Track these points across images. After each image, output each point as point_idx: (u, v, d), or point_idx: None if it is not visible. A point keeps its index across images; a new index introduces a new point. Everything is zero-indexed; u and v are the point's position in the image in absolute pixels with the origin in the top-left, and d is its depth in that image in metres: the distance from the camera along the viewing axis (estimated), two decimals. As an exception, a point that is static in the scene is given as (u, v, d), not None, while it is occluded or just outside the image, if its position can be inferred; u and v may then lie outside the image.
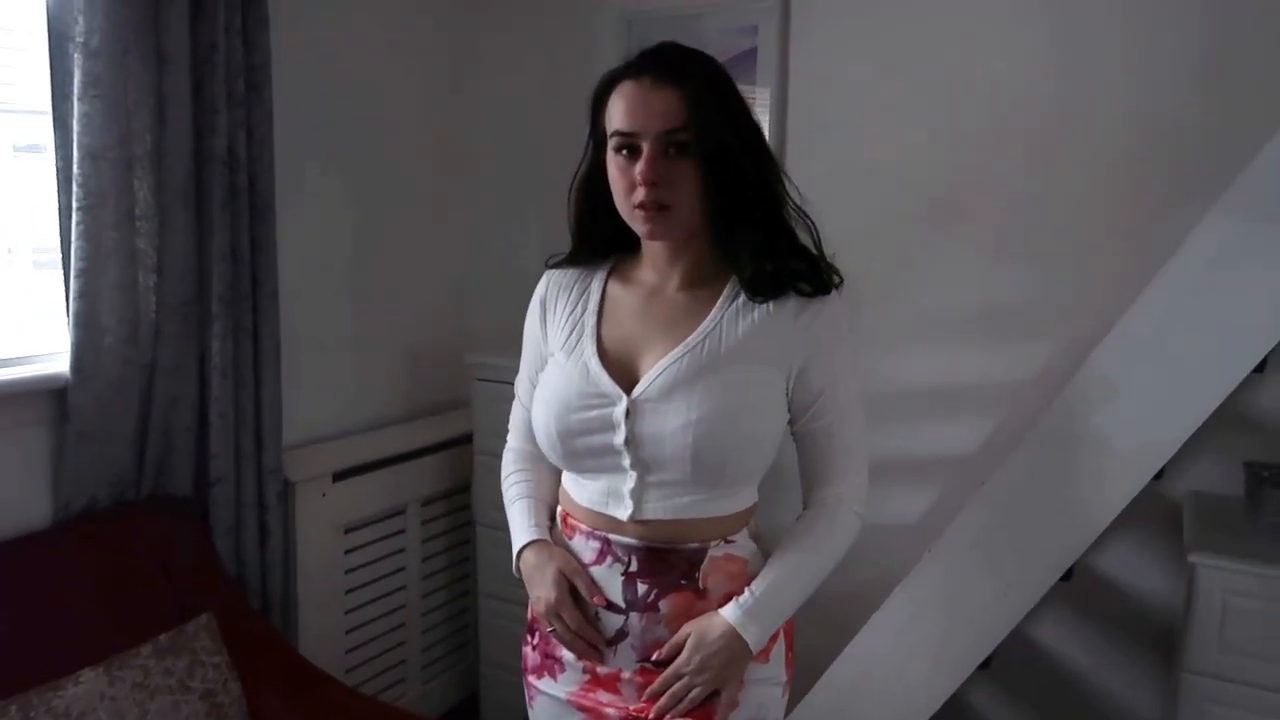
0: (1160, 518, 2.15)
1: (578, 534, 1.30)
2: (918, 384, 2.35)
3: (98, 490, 1.93)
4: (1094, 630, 2.26)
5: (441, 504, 2.66)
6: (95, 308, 1.84)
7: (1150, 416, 1.55)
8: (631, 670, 1.26)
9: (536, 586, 1.30)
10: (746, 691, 1.24)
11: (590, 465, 1.27)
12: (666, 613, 1.24)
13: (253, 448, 2.12)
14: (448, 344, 2.82)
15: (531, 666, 1.37)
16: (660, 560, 1.24)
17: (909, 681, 1.75)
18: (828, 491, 1.28)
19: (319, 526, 2.28)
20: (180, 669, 1.80)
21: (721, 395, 1.19)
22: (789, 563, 1.25)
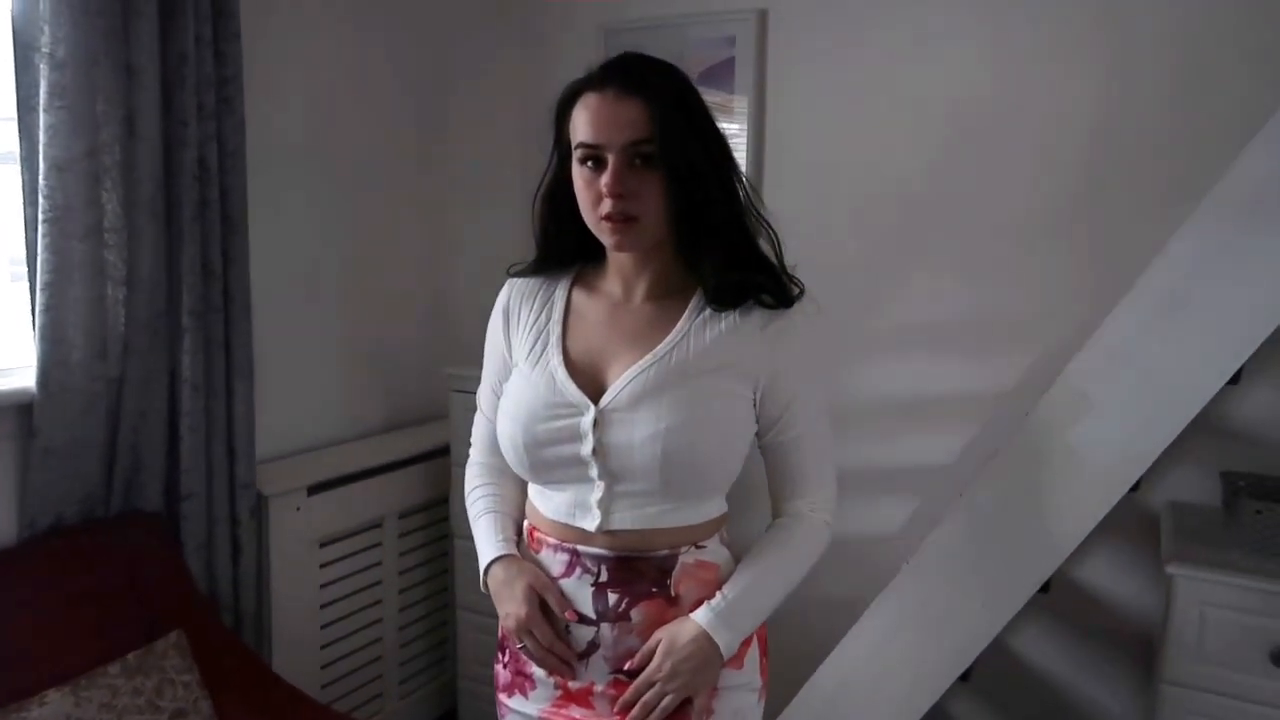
0: (1138, 528, 2.15)
1: (545, 547, 1.28)
2: (895, 395, 2.35)
3: (65, 507, 1.89)
4: (1073, 640, 2.26)
5: (419, 516, 2.64)
6: (62, 321, 1.81)
7: (1126, 429, 1.55)
8: (604, 683, 1.25)
9: (506, 603, 1.28)
10: (721, 698, 1.23)
11: (557, 476, 1.25)
12: (638, 621, 1.23)
13: (225, 462, 2.10)
14: (425, 355, 2.80)
15: (503, 685, 1.35)
16: (630, 569, 1.23)
17: (888, 694, 1.74)
18: (799, 502, 1.28)
19: (293, 541, 2.25)
20: (149, 688, 1.77)
21: (690, 405, 1.19)
22: (761, 567, 1.25)
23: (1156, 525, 2.12)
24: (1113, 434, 1.55)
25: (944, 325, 2.28)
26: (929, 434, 2.32)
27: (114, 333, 1.92)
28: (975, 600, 1.66)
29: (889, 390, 2.35)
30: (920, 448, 2.32)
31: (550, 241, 1.33)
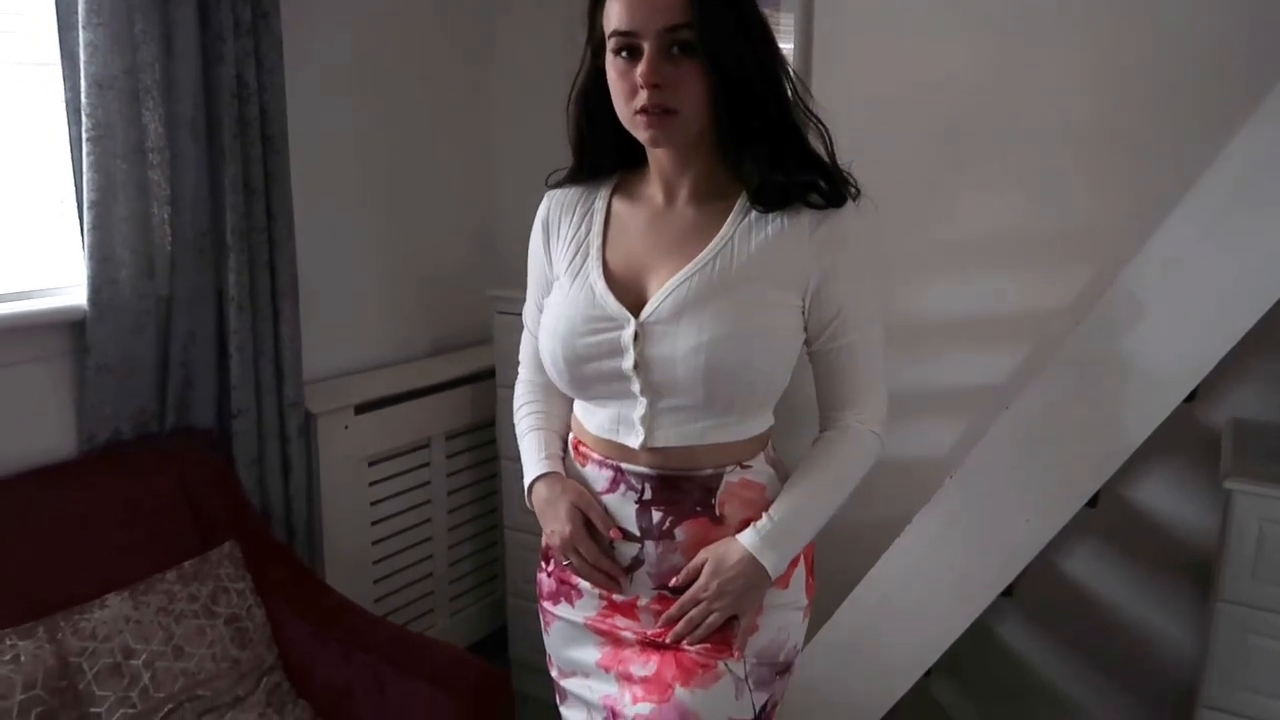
0: (1197, 447, 2.08)
1: (590, 462, 1.27)
2: (945, 314, 2.29)
3: (120, 423, 1.95)
4: (1127, 563, 2.21)
5: (465, 438, 2.66)
6: (109, 240, 1.85)
7: (1181, 337, 1.48)
8: (649, 598, 1.25)
9: (550, 521, 1.28)
10: (766, 616, 1.23)
11: (599, 392, 1.24)
12: (682, 540, 1.22)
13: (273, 380, 2.13)
14: (470, 279, 2.81)
15: (547, 593, 1.36)
16: (674, 488, 1.21)
17: (931, 609, 1.72)
18: (847, 414, 1.24)
19: (342, 459, 2.29)
20: (205, 594, 1.83)
21: (734, 316, 1.15)
22: (807, 487, 1.22)
23: (1216, 444, 2.05)
24: (1167, 342, 1.48)
25: (995, 241, 2.21)
26: (979, 353, 2.25)
27: (161, 251, 1.95)
28: (1020, 514, 1.62)
29: (939, 309, 2.28)
30: (970, 367, 2.26)
31: (586, 146, 1.28)
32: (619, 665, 1.26)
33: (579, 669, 1.32)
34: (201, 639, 1.78)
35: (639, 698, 1.22)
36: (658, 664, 1.22)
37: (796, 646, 1.27)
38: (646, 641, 1.24)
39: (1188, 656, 2.18)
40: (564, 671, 1.35)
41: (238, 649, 1.82)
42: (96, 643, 1.66)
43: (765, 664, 1.22)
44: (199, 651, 1.77)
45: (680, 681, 1.19)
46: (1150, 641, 2.21)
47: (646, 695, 1.21)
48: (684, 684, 1.19)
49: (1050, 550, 2.25)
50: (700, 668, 1.19)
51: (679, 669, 1.20)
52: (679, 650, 1.21)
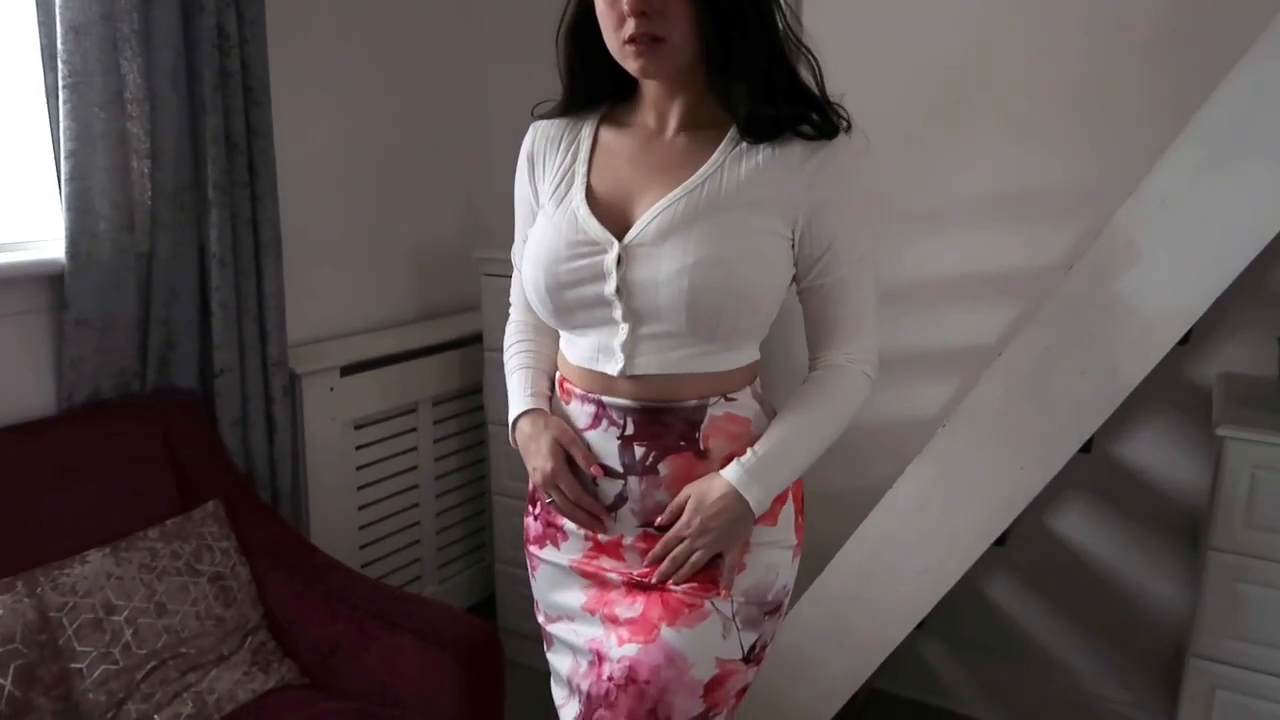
0: (1188, 403, 2.08)
1: (573, 399, 1.25)
2: (938, 272, 2.28)
3: (101, 381, 1.91)
4: (1118, 521, 2.21)
5: (453, 404, 2.64)
6: (87, 191, 1.81)
7: (1177, 278, 1.47)
8: (634, 536, 1.23)
9: (533, 457, 1.26)
10: (753, 555, 1.20)
11: (581, 320, 1.21)
12: (666, 475, 1.19)
13: (256, 339, 2.10)
14: (459, 243, 2.78)
15: (533, 537, 1.34)
16: (656, 421, 1.19)
17: (923, 560, 1.71)
18: (836, 352, 1.22)
19: (328, 421, 2.26)
20: (188, 552, 1.80)
21: (720, 240, 1.12)
22: (795, 422, 1.20)
23: (1206, 400, 2.05)
24: (1163, 283, 1.47)
25: (986, 197, 2.19)
26: (969, 312, 2.24)
27: (140, 205, 1.92)
28: (1014, 461, 1.61)
29: (931, 267, 2.27)
30: (964, 327, 2.25)
31: (576, 79, 1.26)
32: (604, 607, 1.24)
33: (565, 613, 1.30)
34: (185, 596, 1.75)
35: (625, 639, 1.20)
36: (643, 605, 1.20)
37: (786, 587, 1.24)
38: (632, 582, 1.22)
39: (1178, 613, 2.18)
40: (550, 617, 1.33)
41: (222, 607, 1.80)
42: (77, 598, 1.63)
43: (753, 603, 1.19)
44: (182, 609, 1.74)
45: (666, 621, 1.17)
46: (1140, 599, 2.22)
47: (632, 636, 1.19)
48: (670, 624, 1.17)
49: (1041, 510, 2.26)
50: (686, 607, 1.17)
51: (665, 609, 1.18)
52: (665, 590, 1.19)
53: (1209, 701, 1.74)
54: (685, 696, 1.15)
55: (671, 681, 1.15)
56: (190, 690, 1.68)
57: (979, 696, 2.44)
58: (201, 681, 1.70)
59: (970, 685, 2.44)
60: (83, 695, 1.59)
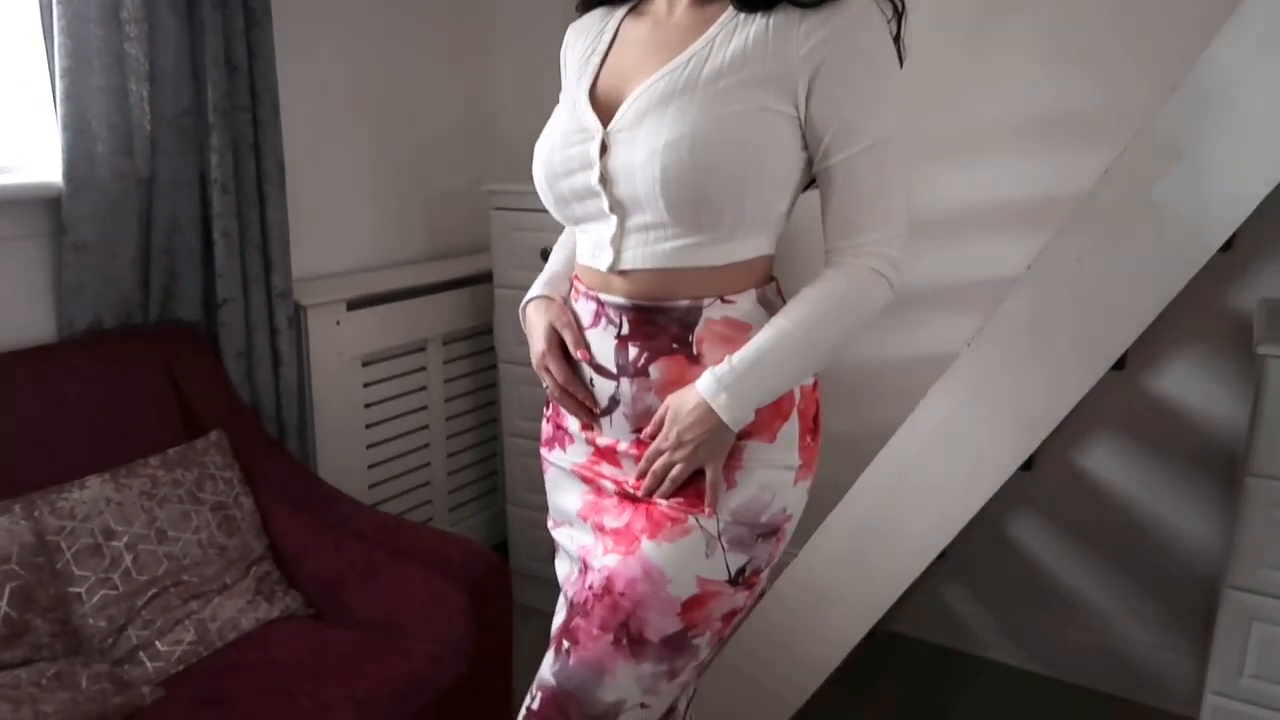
0: (1225, 333, 1.99)
1: (580, 296, 1.20)
2: (963, 202, 2.19)
3: (102, 310, 1.87)
4: (1148, 458, 2.13)
5: (464, 344, 2.59)
6: (83, 111, 1.76)
7: (1219, 181, 1.38)
8: (628, 442, 1.17)
9: (532, 340, 1.24)
10: (746, 473, 1.12)
11: (579, 213, 1.16)
12: (657, 379, 1.13)
13: (260, 269, 2.05)
14: (469, 182, 2.71)
15: (544, 439, 1.31)
16: (650, 321, 1.12)
17: (948, 483, 1.63)
18: (844, 246, 1.10)
19: (334, 356, 2.22)
20: (190, 480, 1.76)
21: (696, 116, 1.03)
22: (781, 327, 1.09)
23: (1244, 330, 1.97)
24: (1204, 185, 1.38)
25: (1012, 122, 2.10)
26: (993, 244, 2.16)
27: (139, 129, 1.87)
28: (1043, 380, 1.53)
29: (956, 197, 2.18)
30: (990, 258, 2.17)
31: None
32: (596, 516, 1.21)
33: (565, 518, 1.27)
34: (186, 524, 1.72)
35: (608, 549, 1.16)
36: (630, 516, 1.16)
37: (786, 511, 1.15)
38: (624, 493, 1.18)
39: (1210, 553, 2.11)
40: (556, 521, 1.31)
41: (225, 536, 1.76)
42: (75, 522, 1.60)
43: (743, 524, 1.12)
44: (184, 536, 1.71)
45: (648, 534, 1.12)
46: (1171, 539, 2.14)
47: (615, 547, 1.15)
48: (651, 537, 1.12)
49: (1068, 446, 2.19)
50: (669, 521, 1.12)
51: (648, 522, 1.13)
52: (652, 504, 1.14)
53: (1245, 634, 1.67)
54: (660, 613, 1.11)
55: (646, 596, 1.10)
56: (192, 617, 1.65)
57: (1002, 640, 2.38)
58: (204, 609, 1.67)
59: (993, 629, 2.38)
60: (81, 620, 1.56)
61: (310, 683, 1.51)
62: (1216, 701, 1.72)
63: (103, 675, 1.47)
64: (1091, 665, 2.28)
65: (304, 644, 1.64)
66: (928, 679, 2.32)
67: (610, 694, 1.12)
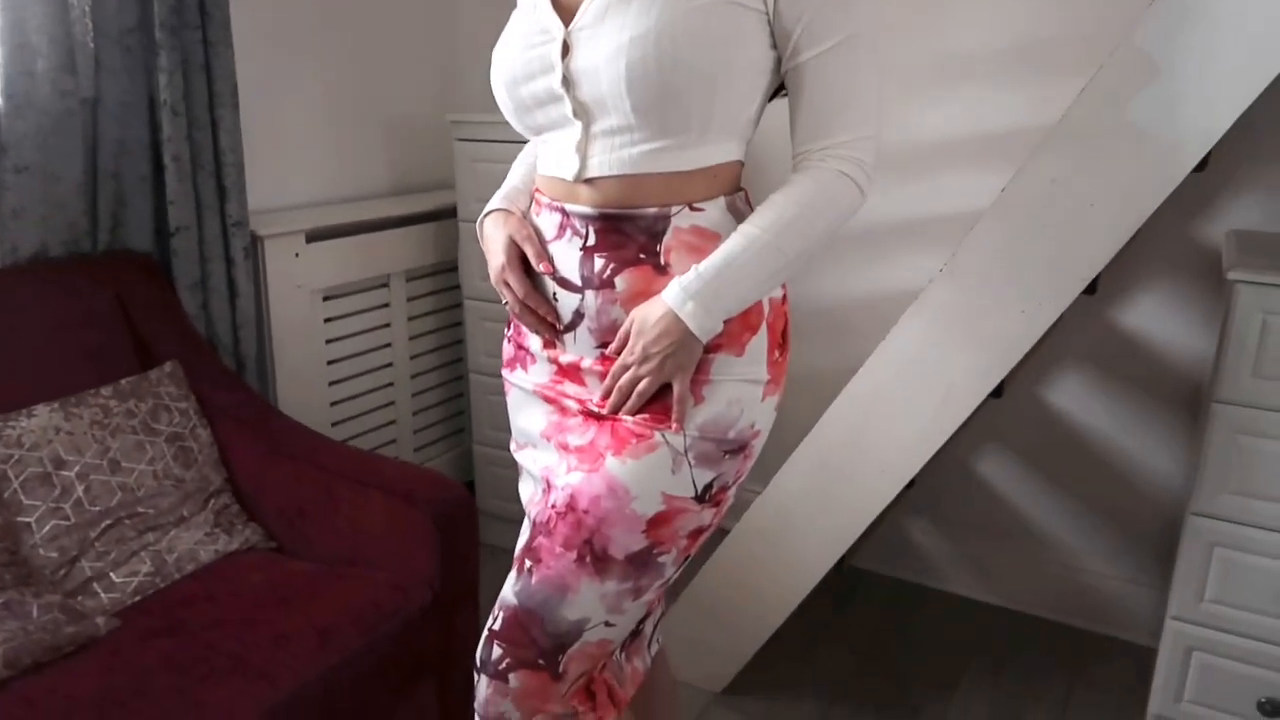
0: (1193, 266, 1.99)
1: (543, 209, 1.16)
2: (935, 134, 2.17)
3: (47, 237, 1.80)
4: (1116, 393, 2.14)
5: (428, 280, 2.53)
6: (21, 23, 1.68)
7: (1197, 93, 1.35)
8: (592, 358, 1.14)
9: (490, 255, 1.20)
10: (714, 387, 1.09)
11: (541, 120, 1.12)
12: (623, 291, 1.09)
13: (214, 197, 1.98)
14: (433, 117, 2.64)
15: (506, 360, 1.28)
16: (617, 230, 1.09)
17: (919, 410, 1.61)
18: (813, 146, 1.07)
19: (293, 289, 2.15)
20: (144, 410, 1.71)
21: (660, 10, 0.99)
22: (748, 234, 1.06)
23: (1212, 263, 1.97)
24: (1181, 101, 1.36)
25: (989, 54, 2.07)
26: (973, 175, 2.14)
27: (82, 47, 1.79)
28: (1016, 304, 1.52)
29: (927, 129, 2.16)
30: (963, 191, 2.15)
31: None
32: (559, 435, 1.18)
33: (528, 439, 1.24)
34: (141, 455, 1.66)
35: (572, 467, 1.14)
36: (594, 433, 1.13)
37: (754, 427, 1.13)
38: (588, 411, 1.15)
39: (1175, 486, 2.13)
40: (519, 444, 1.28)
41: (181, 468, 1.71)
42: (23, 450, 1.54)
43: (710, 439, 1.09)
44: (138, 467, 1.66)
45: (613, 451, 1.10)
46: (1137, 473, 2.16)
47: (578, 464, 1.13)
48: (616, 454, 1.09)
49: (1035, 380, 2.19)
50: (635, 438, 1.09)
51: (613, 439, 1.11)
52: (616, 420, 1.11)
53: (1207, 559, 1.69)
54: (624, 530, 1.08)
55: (611, 513, 1.08)
56: (148, 549, 1.61)
57: (967, 575, 2.40)
58: (160, 541, 1.63)
59: (958, 563, 2.40)
60: (32, 550, 1.51)
61: (272, 611, 1.48)
62: (1177, 627, 1.74)
63: (54, 605, 1.42)
64: (1054, 598, 2.31)
65: (265, 575, 1.60)
66: (893, 614, 2.34)
67: (573, 612, 1.10)
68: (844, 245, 2.30)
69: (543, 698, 1.12)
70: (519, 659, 1.12)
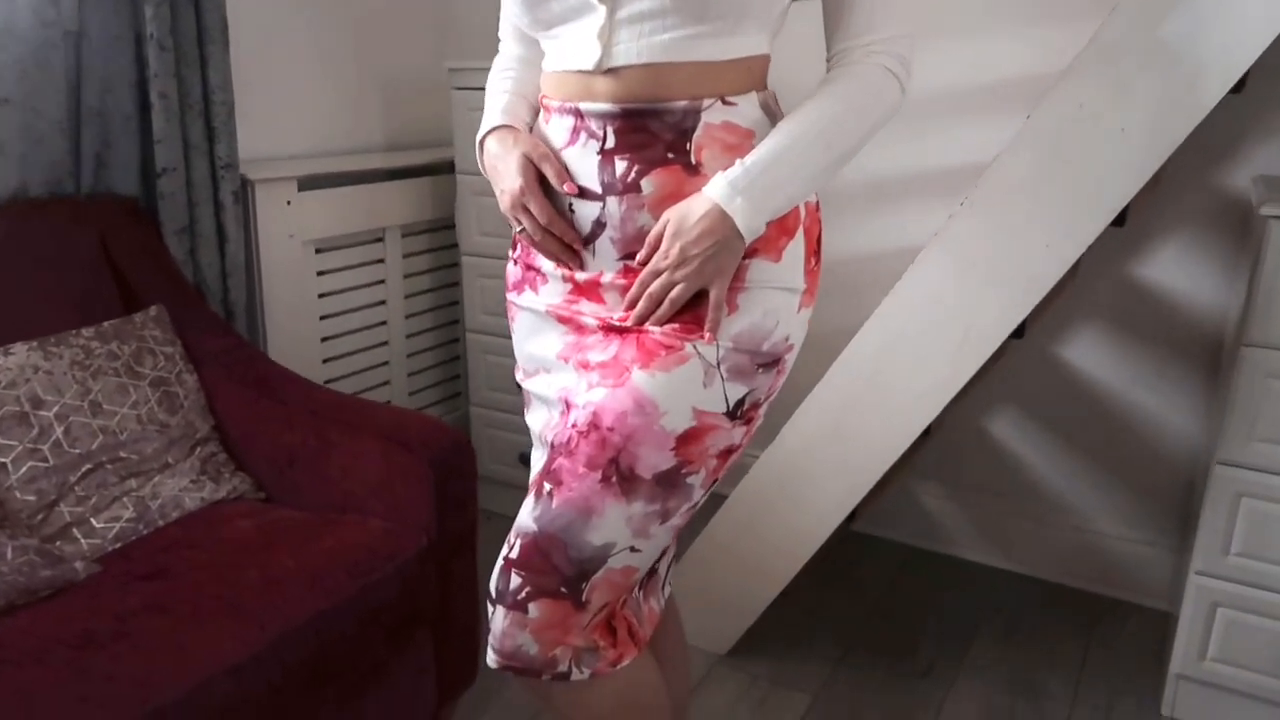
0: (1216, 216, 1.93)
1: (551, 114, 1.08)
2: (939, 83, 2.09)
3: (27, 176, 1.73)
4: (1132, 349, 2.08)
5: (424, 237, 2.46)
6: (-1, -55, 1.60)
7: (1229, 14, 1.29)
8: (613, 272, 1.06)
9: (501, 178, 1.10)
10: (749, 295, 1.02)
11: (556, 9, 1.04)
12: (650, 194, 1.02)
13: (203, 137, 1.91)
14: (430, 71, 2.56)
15: (512, 283, 1.19)
16: (642, 129, 1.01)
17: (938, 349, 1.53)
18: (854, 43, 1.03)
19: (285, 239, 2.08)
20: (127, 353, 1.64)
21: None
22: (793, 130, 1.01)
23: (1235, 212, 1.91)
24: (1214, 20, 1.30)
25: None
26: (978, 125, 2.08)
27: (64, -25, 1.71)
28: (1040, 238, 1.45)
29: (931, 79, 2.08)
30: (968, 143, 2.09)
31: None
32: (578, 354, 1.09)
33: (540, 364, 1.15)
34: (124, 398, 1.59)
35: (593, 384, 1.05)
36: (618, 347, 1.05)
37: (788, 340, 1.06)
38: (610, 327, 1.07)
39: (1188, 445, 2.07)
40: (527, 372, 1.19)
41: (166, 413, 1.64)
42: None
43: (744, 351, 1.02)
44: (121, 411, 1.58)
45: (639, 364, 1.02)
46: (1153, 432, 2.10)
47: (602, 380, 1.04)
48: (643, 367, 1.01)
49: (1050, 338, 2.13)
50: (663, 349, 1.01)
51: (639, 351, 1.03)
52: (643, 332, 1.04)
53: (1233, 511, 1.63)
54: (653, 448, 1.01)
55: (638, 430, 1.00)
56: (131, 495, 1.54)
57: (978, 539, 2.34)
58: (144, 487, 1.56)
59: (969, 528, 2.34)
60: (8, 492, 1.44)
61: (260, 555, 1.41)
62: (1200, 582, 1.69)
63: (30, 549, 1.35)
64: (1068, 562, 2.24)
65: (253, 522, 1.53)
66: (902, 579, 2.28)
67: (598, 536, 1.03)
68: (846, 199, 2.24)
69: (564, 629, 1.05)
70: (539, 587, 1.04)
